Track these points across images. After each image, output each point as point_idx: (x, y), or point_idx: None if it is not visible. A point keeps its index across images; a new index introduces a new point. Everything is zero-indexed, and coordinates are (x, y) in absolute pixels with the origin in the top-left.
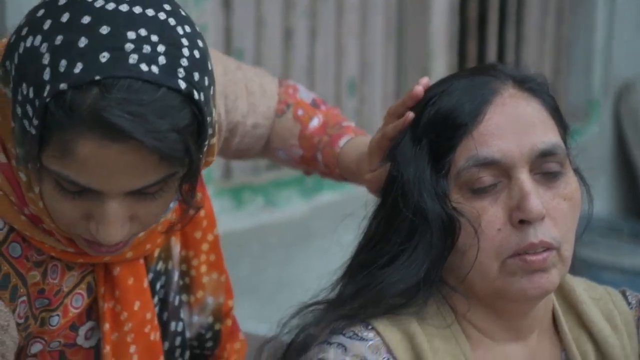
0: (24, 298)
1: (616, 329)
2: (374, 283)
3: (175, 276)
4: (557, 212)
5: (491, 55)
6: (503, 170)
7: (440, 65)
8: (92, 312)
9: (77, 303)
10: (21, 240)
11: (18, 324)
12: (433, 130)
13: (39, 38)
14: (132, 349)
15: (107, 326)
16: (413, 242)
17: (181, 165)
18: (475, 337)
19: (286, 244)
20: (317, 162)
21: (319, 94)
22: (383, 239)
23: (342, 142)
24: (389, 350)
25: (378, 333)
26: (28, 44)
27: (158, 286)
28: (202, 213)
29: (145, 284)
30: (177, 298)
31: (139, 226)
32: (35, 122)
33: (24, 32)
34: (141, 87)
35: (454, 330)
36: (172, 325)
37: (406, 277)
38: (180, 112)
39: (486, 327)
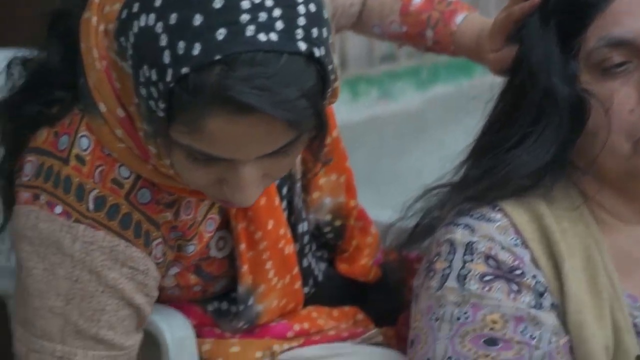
0: (159, 240)
1: None
2: (501, 165)
3: (298, 182)
4: None
5: None
6: (635, 50)
7: None
8: (219, 223)
9: (210, 227)
10: (150, 184)
11: (157, 264)
12: (563, 9)
13: (152, 17)
14: (268, 265)
15: (242, 246)
16: (541, 124)
17: (311, 124)
18: (604, 219)
19: (401, 135)
20: (424, 38)
21: None
22: (509, 121)
23: (458, 19)
24: (517, 231)
25: (506, 214)
26: (142, 23)
27: (284, 191)
28: None
29: (277, 201)
30: (300, 200)
31: (271, 180)
32: (162, 105)
33: (135, 8)
34: (263, 59)
35: (582, 213)
36: (300, 227)
37: (534, 160)
38: (304, 74)
39: (616, 209)
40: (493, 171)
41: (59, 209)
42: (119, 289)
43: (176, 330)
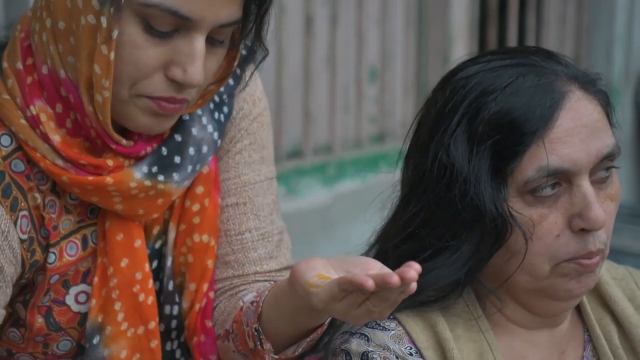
0: (25, 212)
1: (639, 309)
2: None
3: (169, 262)
4: (606, 215)
5: (511, 41)
6: (567, 176)
7: (461, 52)
8: (88, 276)
9: (71, 251)
10: (25, 160)
11: (22, 240)
12: (498, 131)
13: None
14: (117, 305)
15: (96, 280)
16: (460, 239)
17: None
18: (501, 323)
19: (308, 232)
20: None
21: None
22: (426, 231)
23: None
24: (411, 340)
25: (400, 323)
26: None
27: (157, 244)
28: (195, 207)
29: (138, 244)
30: (171, 282)
31: (204, 82)
32: None
33: None
34: None
35: (478, 320)
36: (167, 308)
37: (448, 274)
38: None
39: (515, 317)
40: None
41: None
42: None
43: None
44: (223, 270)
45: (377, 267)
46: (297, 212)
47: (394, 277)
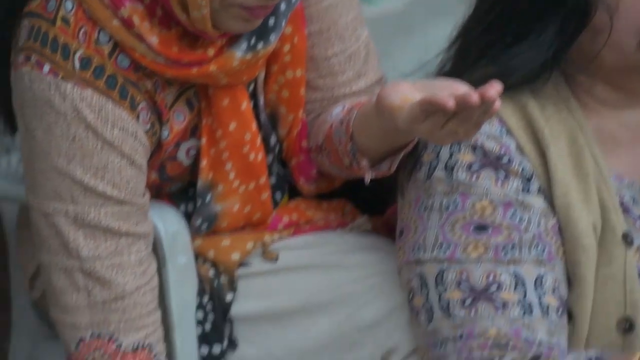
0: (143, 104)
1: None
2: (498, 62)
3: (261, 100)
4: None
5: None
6: None
7: None
8: (196, 131)
9: (179, 118)
10: (127, 53)
11: (145, 131)
12: None
13: None
14: (228, 166)
15: (204, 140)
16: (544, 21)
17: None
18: (589, 105)
19: (383, 37)
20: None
21: None
22: (509, 16)
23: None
24: (501, 121)
25: None
26: None
27: (250, 88)
28: (285, 47)
29: (244, 106)
30: (264, 116)
31: None
32: None
33: None
34: None
35: (566, 99)
36: (271, 140)
37: (535, 57)
38: None
39: (603, 96)
40: (488, 66)
41: (46, 68)
42: (117, 145)
43: (169, 225)
44: (311, 94)
45: (463, 89)
46: (371, 18)
47: (474, 96)
